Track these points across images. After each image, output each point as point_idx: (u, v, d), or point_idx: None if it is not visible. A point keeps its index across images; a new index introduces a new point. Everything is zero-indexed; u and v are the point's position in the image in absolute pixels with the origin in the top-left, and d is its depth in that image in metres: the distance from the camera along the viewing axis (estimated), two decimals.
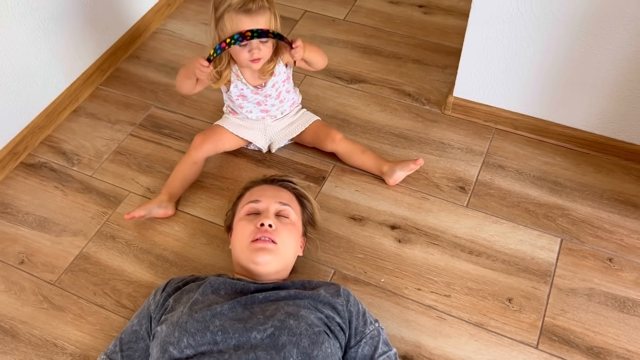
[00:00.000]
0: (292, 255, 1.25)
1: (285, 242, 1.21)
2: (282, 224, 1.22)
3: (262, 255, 1.16)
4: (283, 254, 1.20)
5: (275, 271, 1.20)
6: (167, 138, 1.70)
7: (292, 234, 1.24)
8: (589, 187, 1.53)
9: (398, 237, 1.45)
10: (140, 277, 1.41)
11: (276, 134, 1.58)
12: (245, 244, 1.19)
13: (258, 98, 1.51)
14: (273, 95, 1.52)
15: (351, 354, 1.09)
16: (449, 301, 1.34)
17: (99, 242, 1.48)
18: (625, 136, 1.55)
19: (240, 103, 1.53)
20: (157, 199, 1.48)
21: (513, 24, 1.44)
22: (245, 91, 1.50)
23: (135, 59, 1.94)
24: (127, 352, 1.14)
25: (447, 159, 1.61)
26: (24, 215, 1.54)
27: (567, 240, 1.43)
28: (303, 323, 1.03)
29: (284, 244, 1.20)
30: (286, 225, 1.23)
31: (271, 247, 1.17)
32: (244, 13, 1.32)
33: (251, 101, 1.52)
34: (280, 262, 1.20)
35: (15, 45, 1.56)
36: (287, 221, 1.25)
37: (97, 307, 1.36)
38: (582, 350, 1.26)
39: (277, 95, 1.52)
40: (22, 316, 1.36)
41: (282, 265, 1.22)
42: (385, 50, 1.92)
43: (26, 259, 1.46)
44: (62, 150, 1.69)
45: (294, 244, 1.25)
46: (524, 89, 1.57)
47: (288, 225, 1.24)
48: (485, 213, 1.49)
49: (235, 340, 1.01)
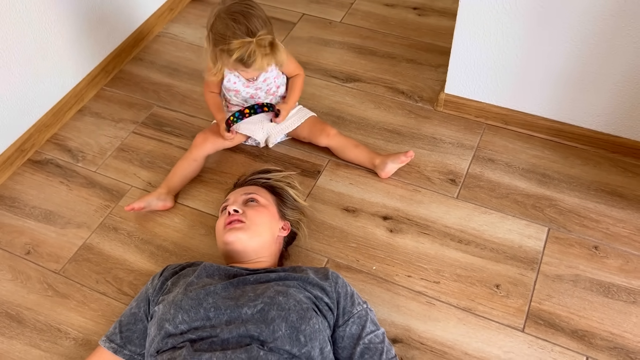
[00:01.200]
0: (267, 233, 1.29)
1: (255, 220, 1.27)
2: (248, 207, 1.30)
3: (231, 233, 1.23)
4: (254, 230, 1.26)
5: (253, 249, 1.25)
6: (168, 135, 1.76)
7: (260, 213, 1.29)
8: (576, 179, 1.57)
9: (390, 227, 1.50)
10: (141, 266, 1.46)
11: (273, 128, 1.64)
12: (220, 234, 1.27)
13: (249, 91, 1.57)
14: (264, 89, 1.58)
15: (339, 333, 1.14)
16: (438, 287, 1.38)
17: (101, 233, 1.54)
18: (612, 129, 1.59)
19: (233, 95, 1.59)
20: (156, 192, 1.54)
21: (499, 21, 1.49)
22: (238, 84, 1.56)
23: (139, 60, 2.01)
24: (125, 333, 1.19)
25: (439, 153, 1.66)
26: (30, 208, 1.61)
27: (554, 229, 1.47)
28: (292, 299, 1.08)
29: (253, 221, 1.26)
30: (254, 207, 1.30)
31: (240, 226, 1.24)
32: (240, 63, 1.40)
33: (243, 94, 1.58)
34: (255, 239, 1.25)
35: (23, 47, 1.63)
36: (255, 204, 1.31)
37: (100, 294, 1.42)
38: (567, 333, 1.29)
39: (268, 90, 1.58)
40: (27, 303, 1.41)
41: (258, 243, 1.26)
42: (380, 51, 1.97)
43: (32, 249, 1.52)
44: (68, 148, 1.75)
45: (267, 222, 1.29)
46: (513, 84, 1.62)
47: (256, 207, 1.30)
48: (475, 204, 1.53)
49: (227, 316, 1.06)
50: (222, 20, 1.37)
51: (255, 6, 1.40)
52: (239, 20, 1.36)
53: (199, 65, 1.97)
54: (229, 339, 1.03)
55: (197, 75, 1.93)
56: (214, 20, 1.39)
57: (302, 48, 2.00)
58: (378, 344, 1.13)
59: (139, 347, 1.18)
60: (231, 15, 1.36)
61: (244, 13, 1.36)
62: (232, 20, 1.36)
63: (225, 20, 1.36)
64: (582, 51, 1.46)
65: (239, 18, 1.36)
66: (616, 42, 1.41)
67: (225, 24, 1.36)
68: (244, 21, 1.36)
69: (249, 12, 1.37)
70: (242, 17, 1.36)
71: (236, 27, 1.35)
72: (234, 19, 1.36)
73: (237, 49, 1.35)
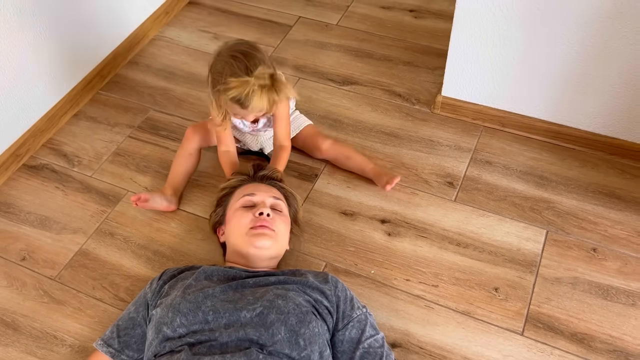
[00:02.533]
0: (285, 245, 1.32)
1: (282, 231, 1.28)
2: (276, 214, 1.29)
3: (262, 239, 1.23)
4: (280, 241, 1.27)
5: (271, 257, 1.27)
6: (164, 139, 1.75)
7: (286, 224, 1.31)
8: (574, 181, 1.57)
9: (388, 231, 1.50)
10: (137, 271, 1.45)
11: (267, 140, 1.63)
12: (243, 231, 1.25)
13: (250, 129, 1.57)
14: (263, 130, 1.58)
15: (339, 337, 1.13)
16: (437, 291, 1.38)
17: (98, 239, 1.53)
18: (610, 131, 1.59)
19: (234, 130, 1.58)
20: (162, 191, 1.54)
21: (496, 23, 1.49)
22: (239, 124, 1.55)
23: (134, 64, 2.00)
24: (124, 337, 1.18)
25: (436, 156, 1.65)
26: (25, 214, 1.59)
27: (552, 231, 1.47)
28: (291, 303, 1.07)
29: (281, 231, 1.28)
30: (280, 216, 1.30)
31: (270, 234, 1.24)
32: (238, 104, 1.33)
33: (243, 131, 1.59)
34: (277, 249, 1.27)
35: (17, 52, 1.62)
36: (280, 213, 1.31)
37: (96, 300, 1.41)
38: (567, 336, 1.29)
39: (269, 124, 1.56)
40: (23, 310, 1.40)
41: (277, 253, 1.28)
42: (377, 53, 1.97)
43: (27, 255, 1.51)
44: (63, 153, 1.74)
45: (287, 234, 1.32)
46: (510, 87, 1.62)
47: (282, 216, 1.31)
48: (473, 207, 1.53)
49: (225, 319, 1.05)
50: (222, 59, 1.33)
51: (257, 48, 1.35)
52: (238, 59, 1.30)
53: (195, 69, 1.96)
54: (227, 343, 1.03)
55: (193, 79, 1.93)
56: (214, 60, 1.35)
57: (299, 51, 2.00)
58: (378, 349, 1.12)
59: (137, 352, 1.17)
60: (231, 53, 1.32)
61: (244, 52, 1.31)
62: (232, 58, 1.31)
63: (225, 59, 1.32)
64: (579, 53, 1.46)
65: (239, 57, 1.31)
66: (613, 44, 1.41)
67: (224, 62, 1.32)
68: (244, 60, 1.30)
69: (250, 52, 1.32)
70: (243, 56, 1.30)
71: (235, 65, 1.29)
72: (234, 57, 1.31)
73: (235, 88, 1.27)
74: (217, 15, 2.16)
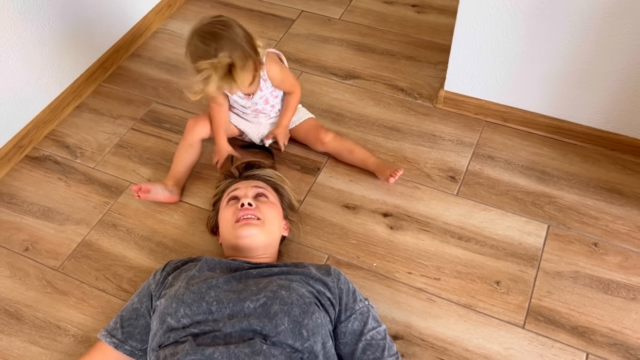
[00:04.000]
0: (277, 232, 1.32)
1: (269, 217, 1.28)
2: (260, 202, 1.30)
3: (246, 228, 1.24)
4: (268, 227, 1.27)
5: (264, 245, 1.26)
6: (167, 132, 1.76)
7: (273, 210, 1.31)
8: (575, 176, 1.58)
9: (390, 224, 1.50)
10: (140, 262, 1.46)
11: (269, 127, 1.63)
12: (230, 225, 1.27)
13: (247, 103, 1.56)
14: (261, 104, 1.57)
15: (341, 329, 1.14)
16: (439, 284, 1.38)
17: (101, 230, 1.53)
18: (611, 127, 1.59)
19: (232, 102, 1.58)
20: (163, 182, 1.55)
21: (500, 18, 1.49)
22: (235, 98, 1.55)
23: (137, 57, 2.00)
24: (127, 328, 1.18)
25: (438, 150, 1.66)
26: (28, 205, 1.60)
27: (554, 226, 1.47)
28: (294, 294, 1.08)
29: (267, 217, 1.28)
30: (266, 203, 1.31)
31: (255, 222, 1.25)
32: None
33: (241, 108, 1.59)
34: (266, 236, 1.27)
35: (21, 43, 1.62)
36: (265, 200, 1.32)
37: (99, 291, 1.41)
38: (567, 329, 1.30)
39: (265, 102, 1.57)
40: (26, 300, 1.40)
41: (268, 240, 1.27)
42: (379, 48, 1.97)
43: (30, 246, 1.51)
44: (66, 144, 1.74)
45: (277, 221, 1.32)
46: (512, 82, 1.62)
47: (267, 203, 1.32)
48: (475, 201, 1.54)
49: (229, 309, 1.06)
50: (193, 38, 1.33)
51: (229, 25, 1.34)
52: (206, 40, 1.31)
53: None
54: (231, 333, 1.03)
55: None
56: (189, 35, 1.35)
57: (301, 45, 2.00)
58: (380, 341, 1.13)
59: (140, 342, 1.18)
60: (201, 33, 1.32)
61: (213, 33, 1.32)
62: (200, 39, 1.32)
63: (195, 39, 1.33)
64: (582, 48, 1.46)
65: (208, 37, 1.31)
66: (616, 39, 1.41)
67: (194, 42, 1.32)
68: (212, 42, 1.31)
69: (218, 33, 1.32)
70: (211, 37, 1.31)
71: (201, 47, 1.31)
72: (202, 38, 1.32)
73: (201, 71, 1.30)
74: (219, 8, 2.15)
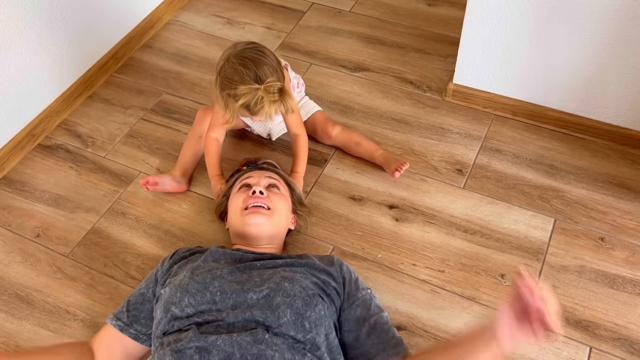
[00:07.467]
0: (284, 224, 1.33)
1: (278, 207, 1.29)
2: (272, 192, 1.32)
3: (254, 216, 1.25)
4: (276, 218, 1.28)
5: (270, 235, 1.28)
6: (177, 122, 1.77)
7: (283, 201, 1.32)
8: (584, 171, 1.57)
9: (396, 216, 1.51)
10: (148, 250, 1.48)
11: (276, 126, 1.64)
12: (238, 211, 1.28)
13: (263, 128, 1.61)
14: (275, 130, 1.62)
15: (344, 316, 1.15)
16: (443, 276, 1.39)
17: (110, 218, 1.55)
18: (621, 121, 1.58)
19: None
20: (170, 172, 1.57)
21: (509, 10, 1.49)
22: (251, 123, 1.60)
23: (148, 48, 2.02)
24: (132, 312, 1.20)
25: (446, 143, 1.66)
26: (40, 192, 1.62)
27: (560, 220, 1.47)
28: (297, 286, 1.09)
29: (277, 208, 1.29)
30: (277, 194, 1.32)
31: (264, 211, 1.26)
32: (246, 110, 1.33)
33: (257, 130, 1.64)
34: (274, 227, 1.28)
35: (34, 34, 1.64)
36: (277, 191, 1.34)
37: (107, 277, 1.44)
38: (572, 323, 1.29)
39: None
40: (37, 285, 1.43)
41: (275, 230, 1.29)
42: (389, 40, 1.97)
43: (42, 232, 1.54)
44: (77, 133, 1.77)
45: (286, 213, 1.33)
46: (521, 75, 1.61)
47: (278, 194, 1.33)
48: (481, 194, 1.53)
49: (232, 300, 1.07)
50: (231, 65, 1.32)
51: (267, 53, 1.34)
52: (248, 66, 1.30)
53: (208, 54, 1.97)
54: (234, 323, 1.05)
55: (206, 64, 1.94)
56: (223, 63, 1.34)
57: (311, 37, 2.00)
58: (384, 324, 1.14)
59: (145, 327, 1.19)
60: (241, 60, 1.31)
61: (254, 59, 1.31)
62: (241, 66, 1.30)
63: (234, 65, 1.31)
64: (592, 42, 1.45)
65: (249, 64, 1.30)
66: (628, 33, 1.40)
67: (233, 69, 1.31)
68: (253, 67, 1.29)
69: (260, 59, 1.31)
70: (252, 64, 1.30)
71: (244, 72, 1.29)
72: (243, 64, 1.30)
73: (244, 95, 1.28)
74: (230, 0, 2.17)
